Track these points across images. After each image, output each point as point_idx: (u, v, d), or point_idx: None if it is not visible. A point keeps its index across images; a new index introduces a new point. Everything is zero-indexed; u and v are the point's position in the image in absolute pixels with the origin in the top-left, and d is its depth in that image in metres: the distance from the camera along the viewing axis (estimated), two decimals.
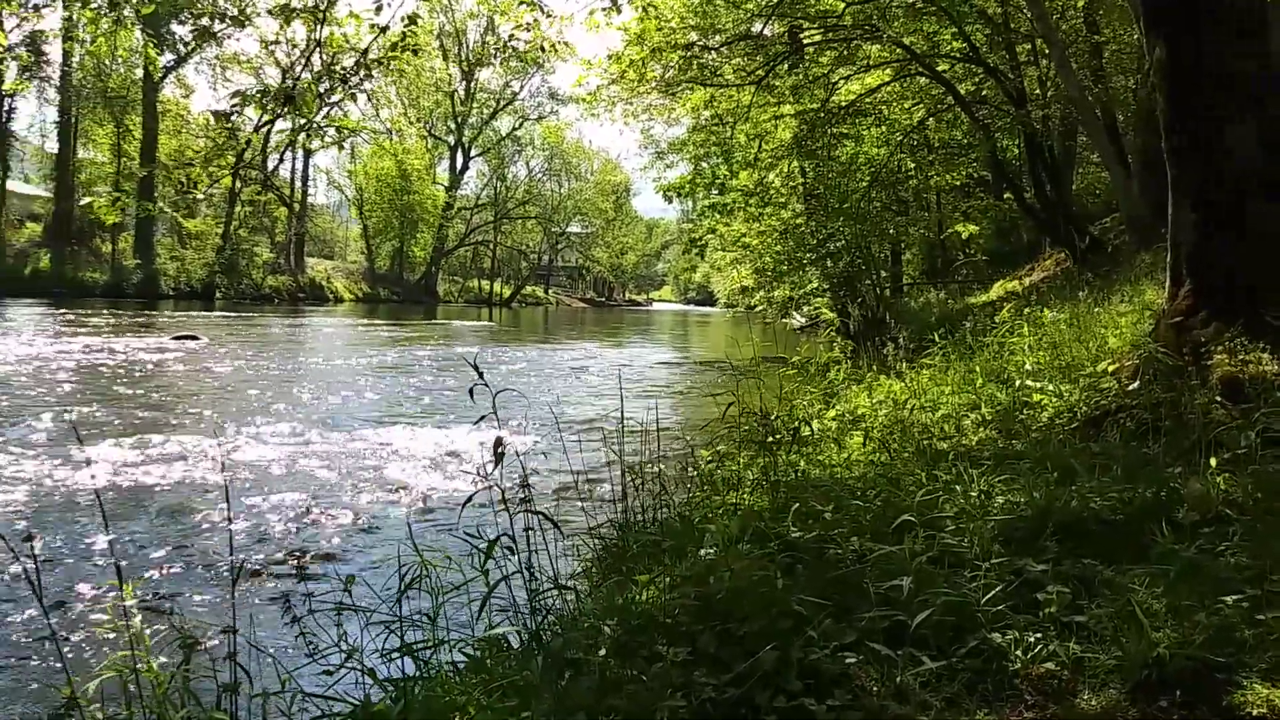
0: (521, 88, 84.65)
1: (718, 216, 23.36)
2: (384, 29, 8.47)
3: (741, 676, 3.14)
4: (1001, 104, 17.98)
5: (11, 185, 55.17)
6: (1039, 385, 7.00)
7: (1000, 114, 18.39)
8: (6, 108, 51.51)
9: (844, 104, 19.01)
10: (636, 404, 12.76)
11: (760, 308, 25.67)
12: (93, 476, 9.15)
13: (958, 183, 22.68)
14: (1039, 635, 3.33)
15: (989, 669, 3.23)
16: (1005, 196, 21.61)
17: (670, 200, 26.27)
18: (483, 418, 4.17)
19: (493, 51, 77.36)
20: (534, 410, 11.70)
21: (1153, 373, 6.08)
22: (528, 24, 10.07)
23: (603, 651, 3.39)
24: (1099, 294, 10.24)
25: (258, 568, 6.83)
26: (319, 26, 8.49)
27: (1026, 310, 10.21)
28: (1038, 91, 18.49)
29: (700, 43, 18.13)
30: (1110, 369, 6.60)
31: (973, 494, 4.82)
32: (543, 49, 10.52)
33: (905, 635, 3.39)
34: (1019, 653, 3.25)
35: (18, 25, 36.87)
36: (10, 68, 48.77)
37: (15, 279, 46.44)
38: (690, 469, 7.09)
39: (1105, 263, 14.59)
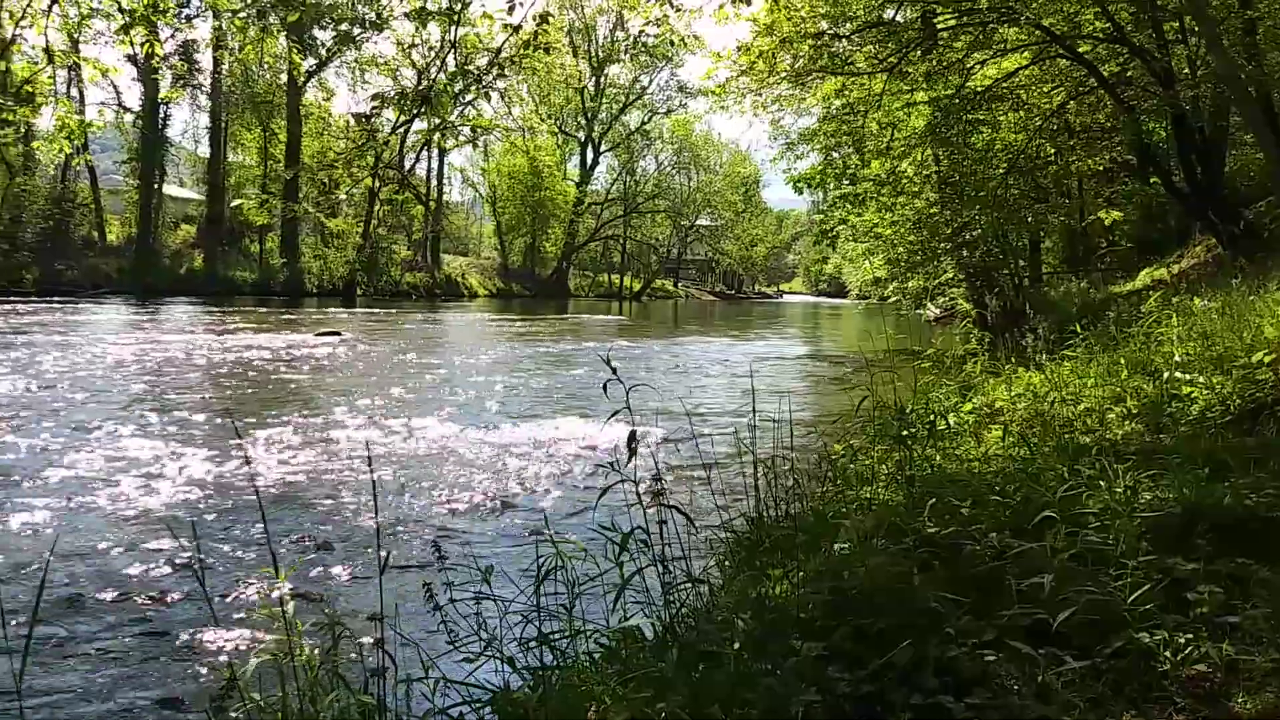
0: (650, 82, 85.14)
1: (849, 207, 23.09)
2: (516, 28, 8.60)
3: (876, 673, 3.11)
4: (1148, 85, 17.27)
5: (167, 189, 58.06)
6: (1189, 377, 6.74)
7: (1147, 95, 17.67)
8: (162, 115, 54.16)
9: (979, 89, 18.51)
10: (767, 397, 12.70)
11: (894, 299, 25.27)
12: (250, 470, 9.56)
13: (1100, 168, 21.88)
14: (1189, 636, 3.21)
15: (1136, 670, 3.14)
16: (1152, 181, 20.78)
17: (800, 191, 25.95)
18: (616, 412, 4.22)
19: (622, 47, 77.96)
20: (665, 403, 11.76)
21: None
22: (657, 19, 10.11)
23: (737, 645, 3.40)
24: (1254, 281, 9.77)
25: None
26: (453, 28, 8.66)
27: (1175, 299, 9.81)
28: (1187, 71, 17.69)
29: (831, 31, 17.89)
30: (1267, 359, 6.32)
31: (1117, 490, 4.66)
32: (672, 43, 10.56)
33: (1047, 634, 3.32)
34: (1168, 654, 3.15)
35: (171, 36, 38.66)
36: (165, 77, 51.21)
37: (171, 278, 48.95)
38: (823, 463, 7.03)
39: (1260, 248, 13.93)
